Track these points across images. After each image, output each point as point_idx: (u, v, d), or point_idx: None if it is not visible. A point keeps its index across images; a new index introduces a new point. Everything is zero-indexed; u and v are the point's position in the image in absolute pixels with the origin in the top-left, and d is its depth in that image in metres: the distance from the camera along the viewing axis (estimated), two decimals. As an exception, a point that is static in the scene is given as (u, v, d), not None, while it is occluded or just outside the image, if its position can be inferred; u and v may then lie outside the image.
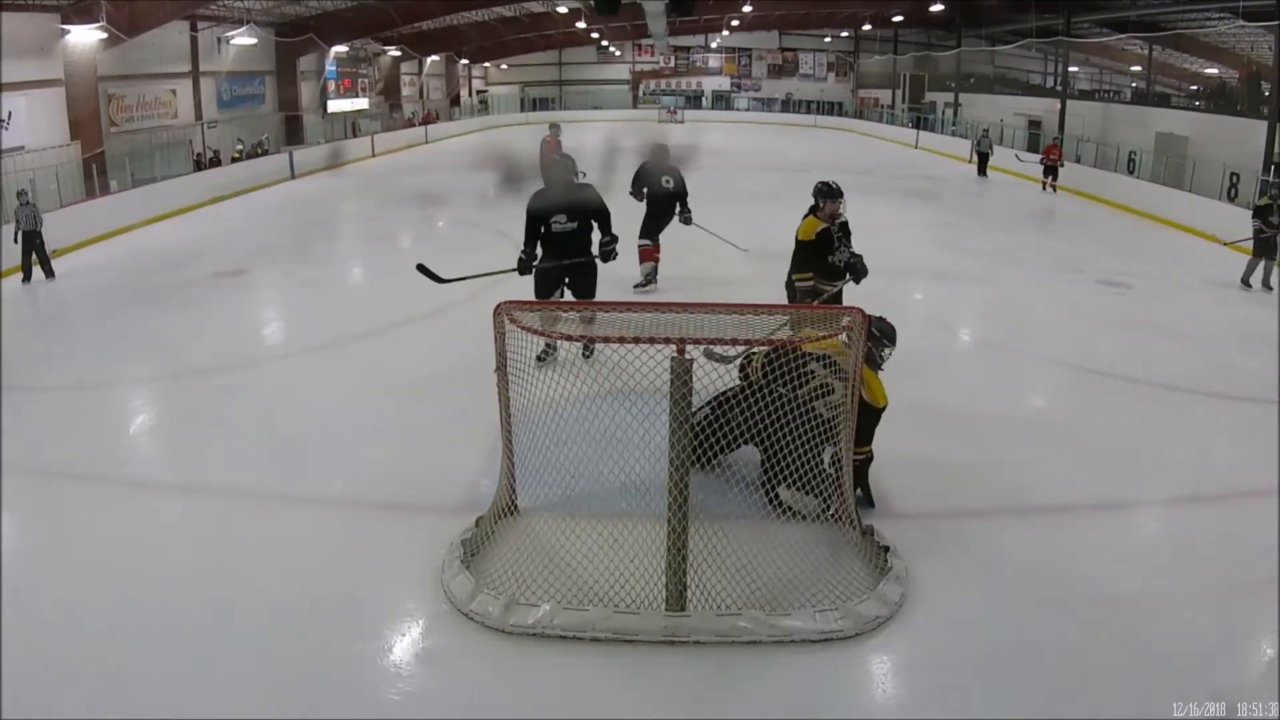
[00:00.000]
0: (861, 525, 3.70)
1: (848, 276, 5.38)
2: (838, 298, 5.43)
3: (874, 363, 4.00)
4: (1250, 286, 8.94)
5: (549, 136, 11.19)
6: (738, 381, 4.04)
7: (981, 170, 17.93)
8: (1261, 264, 8.96)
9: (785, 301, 5.57)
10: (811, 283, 5.34)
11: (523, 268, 5.68)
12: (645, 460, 3.56)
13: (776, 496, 3.83)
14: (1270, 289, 8.85)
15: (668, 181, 7.84)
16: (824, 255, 5.30)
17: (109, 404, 5.55)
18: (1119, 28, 20.71)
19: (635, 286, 7.78)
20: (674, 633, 3.11)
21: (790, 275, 5.48)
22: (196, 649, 3.06)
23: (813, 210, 5.33)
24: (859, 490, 3.96)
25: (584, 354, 5.59)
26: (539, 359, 4.94)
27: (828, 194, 5.25)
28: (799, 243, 5.33)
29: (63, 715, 2.78)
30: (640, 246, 7.82)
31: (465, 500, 4.05)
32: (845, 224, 5.44)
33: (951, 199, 15.07)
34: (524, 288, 5.92)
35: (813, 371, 3.73)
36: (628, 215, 7.05)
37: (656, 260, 7.93)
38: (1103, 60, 24.42)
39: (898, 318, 4.30)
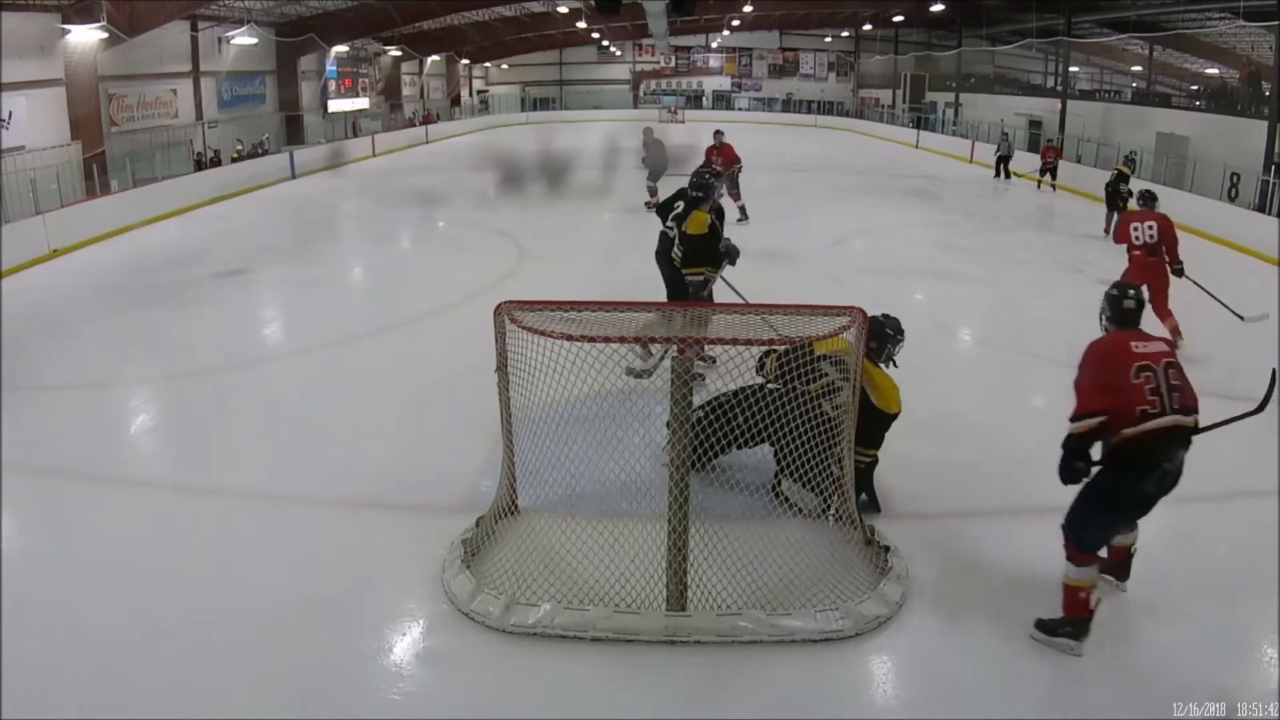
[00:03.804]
0: (862, 525, 3.70)
1: (725, 262, 5.58)
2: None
3: (889, 359, 3.99)
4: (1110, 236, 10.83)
5: (715, 144, 11.54)
6: (741, 383, 4.03)
7: (1001, 173, 17.58)
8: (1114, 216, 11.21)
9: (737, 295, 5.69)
10: (703, 275, 5.47)
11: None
12: (646, 460, 3.56)
13: (777, 488, 3.82)
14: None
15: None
16: (714, 245, 5.49)
17: (109, 404, 5.55)
18: (1119, 28, 20.70)
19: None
20: (674, 632, 3.11)
21: (679, 270, 5.48)
22: (196, 649, 3.06)
23: (696, 203, 5.52)
24: (863, 495, 3.96)
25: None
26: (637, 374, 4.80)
27: (711, 185, 5.65)
28: (691, 237, 5.40)
29: (63, 715, 2.78)
30: None
31: (466, 500, 4.05)
32: (720, 208, 5.68)
33: (952, 199, 15.05)
34: (525, 288, 5.90)
35: (824, 371, 3.73)
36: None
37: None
38: (1103, 60, 24.43)
39: (898, 317, 4.32)
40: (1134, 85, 23.31)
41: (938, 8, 22.54)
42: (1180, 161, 14.66)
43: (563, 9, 26.93)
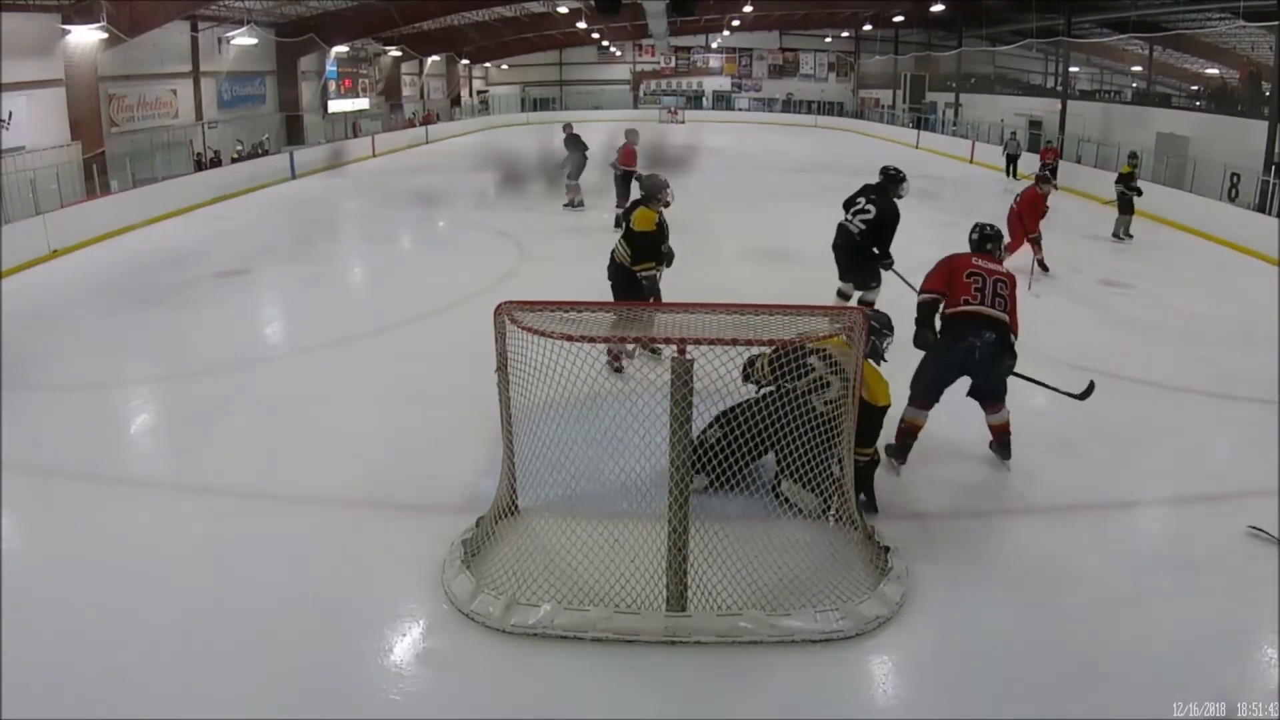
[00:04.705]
0: (862, 525, 3.70)
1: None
2: None
3: (877, 355, 4.01)
4: (1120, 238, 11.33)
5: (628, 144, 11.01)
6: (741, 385, 4.03)
7: (1011, 172, 17.66)
8: (1128, 219, 11.37)
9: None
10: (654, 271, 5.58)
11: None
12: (646, 460, 3.55)
13: (777, 488, 3.82)
14: (1131, 237, 11.28)
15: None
16: (660, 243, 5.59)
17: (109, 404, 5.55)
18: (1119, 28, 20.70)
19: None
20: (675, 633, 3.11)
21: (630, 267, 5.56)
22: (196, 649, 3.06)
23: (643, 202, 5.60)
24: (861, 495, 3.95)
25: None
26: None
27: (664, 185, 5.68)
28: (640, 234, 5.48)
29: (63, 715, 2.78)
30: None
31: (466, 500, 4.05)
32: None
33: (952, 199, 15.05)
34: (525, 288, 5.90)
35: (811, 366, 3.73)
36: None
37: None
38: (1103, 60, 24.43)
39: (898, 317, 4.33)
40: (1134, 85, 23.31)
41: (938, 8, 22.53)
42: (1180, 161, 14.66)
43: (563, 9, 26.92)
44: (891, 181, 6.20)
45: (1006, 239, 6.69)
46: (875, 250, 6.22)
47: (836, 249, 6.38)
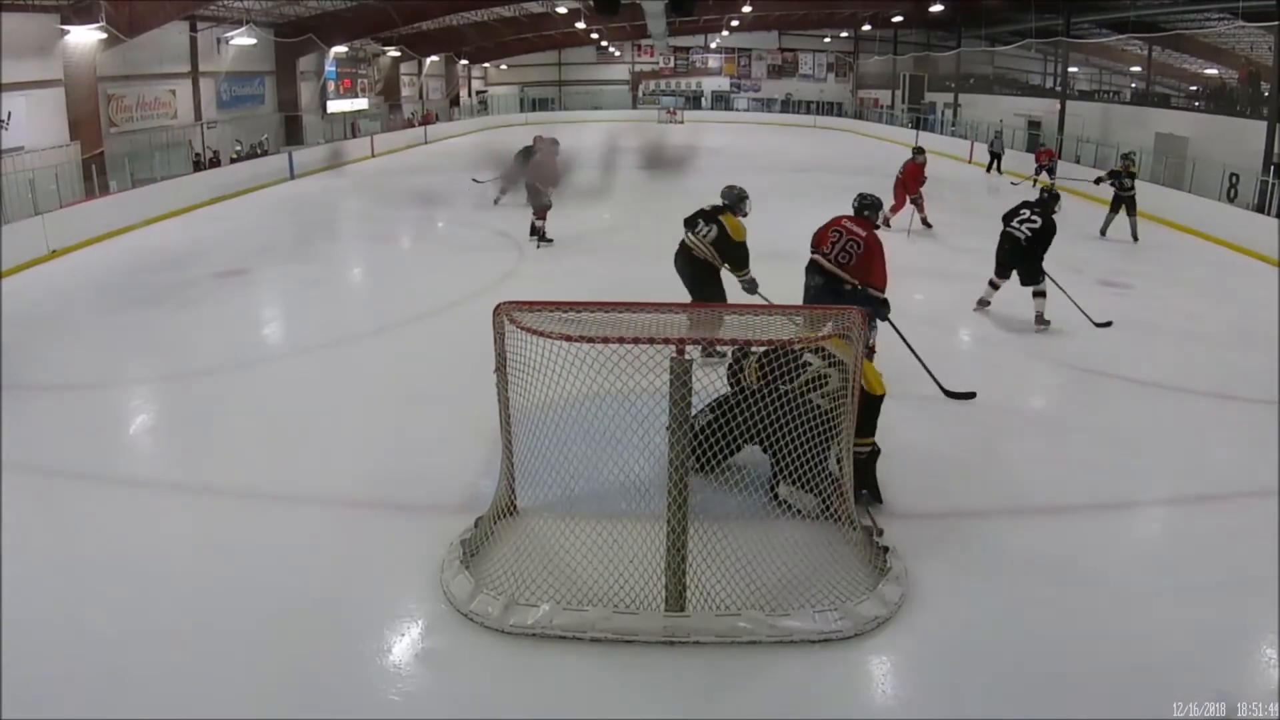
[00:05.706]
0: (866, 525, 3.70)
1: None
2: None
3: (868, 348, 4.02)
4: (1105, 236, 11.29)
5: (546, 156, 10.80)
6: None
7: (994, 168, 18.15)
8: (1119, 217, 11.26)
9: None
10: (750, 274, 5.93)
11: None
12: (645, 460, 3.56)
13: (775, 491, 3.82)
14: (1136, 240, 11.13)
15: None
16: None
17: (109, 404, 5.54)
18: (1119, 28, 20.72)
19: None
20: (673, 633, 3.11)
21: (719, 266, 5.89)
22: (196, 649, 3.06)
23: (728, 210, 5.94)
24: (864, 490, 3.95)
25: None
26: None
27: (745, 196, 6.07)
28: (737, 244, 5.85)
29: (62, 715, 2.78)
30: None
31: (465, 500, 4.06)
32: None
33: (951, 199, 15.05)
34: (525, 288, 5.90)
35: (808, 363, 3.73)
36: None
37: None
38: (1102, 61, 24.44)
39: (898, 317, 4.34)
40: (1133, 86, 23.32)
41: (937, 8, 22.52)
42: (1179, 162, 14.66)
43: (561, 9, 26.93)
44: (1052, 199, 7.38)
45: (891, 202, 8.58)
46: (1038, 253, 7.16)
47: (1001, 252, 7.40)
